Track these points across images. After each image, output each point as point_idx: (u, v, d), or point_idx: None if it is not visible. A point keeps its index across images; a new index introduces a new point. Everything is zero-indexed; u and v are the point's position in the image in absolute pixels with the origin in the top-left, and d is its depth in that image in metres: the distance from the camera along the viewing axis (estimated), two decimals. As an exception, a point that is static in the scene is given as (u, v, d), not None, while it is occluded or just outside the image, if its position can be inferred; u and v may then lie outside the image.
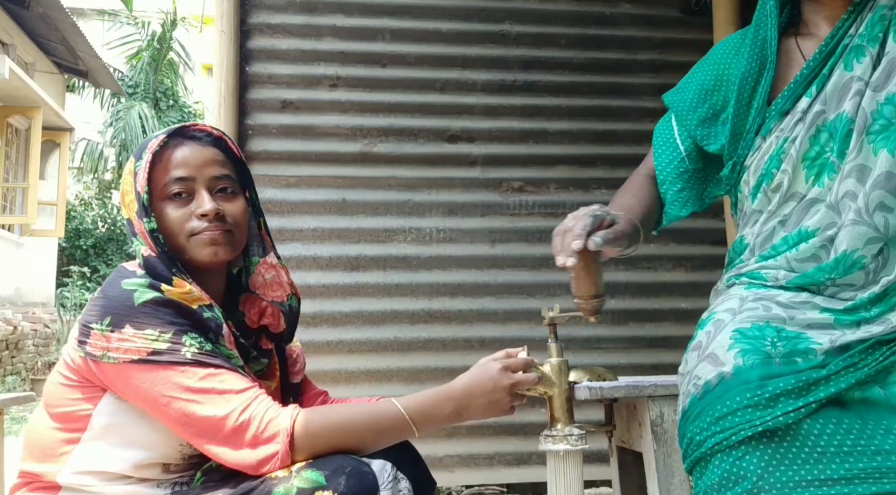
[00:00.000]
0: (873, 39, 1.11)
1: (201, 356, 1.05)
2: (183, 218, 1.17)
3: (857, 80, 1.11)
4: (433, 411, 1.13)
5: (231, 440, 1.03)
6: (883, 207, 1.06)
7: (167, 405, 1.04)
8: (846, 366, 1.01)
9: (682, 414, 1.09)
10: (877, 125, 1.08)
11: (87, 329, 1.07)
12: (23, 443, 1.15)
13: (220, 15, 2.87)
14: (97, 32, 14.92)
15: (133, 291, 1.08)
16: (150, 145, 1.17)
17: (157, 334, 1.05)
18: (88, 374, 1.09)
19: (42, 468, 1.10)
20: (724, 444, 0.99)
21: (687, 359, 1.13)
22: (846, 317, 1.08)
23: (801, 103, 1.15)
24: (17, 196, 9.67)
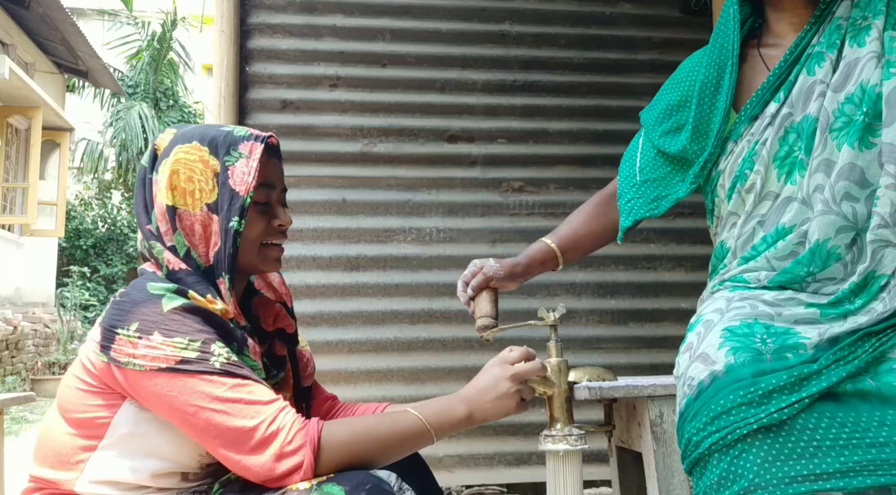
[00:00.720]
0: (831, 46, 1.18)
1: (229, 366, 1.04)
2: (263, 227, 1.19)
3: (820, 83, 1.17)
4: (447, 415, 1.13)
5: (257, 451, 1.01)
6: (849, 197, 1.10)
7: (194, 414, 1.02)
8: (836, 359, 1.02)
9: (679, 415, 1.10)
10: (838, 123, 1.13)
11: (111, 333, 1.05)
12: (35, 447, 1.12)
13: (220, 15, 2.88)
14: (97, 32, 14.92)
15: (161, 296, 1.06)
16: (244, 145, 1.16)
17: (186, 342, 1.03)
18: (110, 381, 1.06)
19: (57, 475, 1.08)
20: (720, 443, 1.00)
21: (679, 362, 1.14)
22: (832, 310, 1.09)
23: (769, 108, 1.21)
24: (17, 196, 9.68)
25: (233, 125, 1.21)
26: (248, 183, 1.14)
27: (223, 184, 1.14)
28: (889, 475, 0.94)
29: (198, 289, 1.09)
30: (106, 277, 13.59)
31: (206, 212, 1.13)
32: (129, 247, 14.00)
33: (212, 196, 1.13)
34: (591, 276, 2.96)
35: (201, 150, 1.15)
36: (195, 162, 1.14)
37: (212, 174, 1.14)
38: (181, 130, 1.19)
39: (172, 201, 1.13)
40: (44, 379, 8.36)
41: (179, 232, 1.13)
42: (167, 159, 1.15)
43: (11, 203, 9.64)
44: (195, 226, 1.13)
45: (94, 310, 12.46)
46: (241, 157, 1.15)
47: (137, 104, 13.80)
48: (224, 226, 1.13)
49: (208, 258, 1.14)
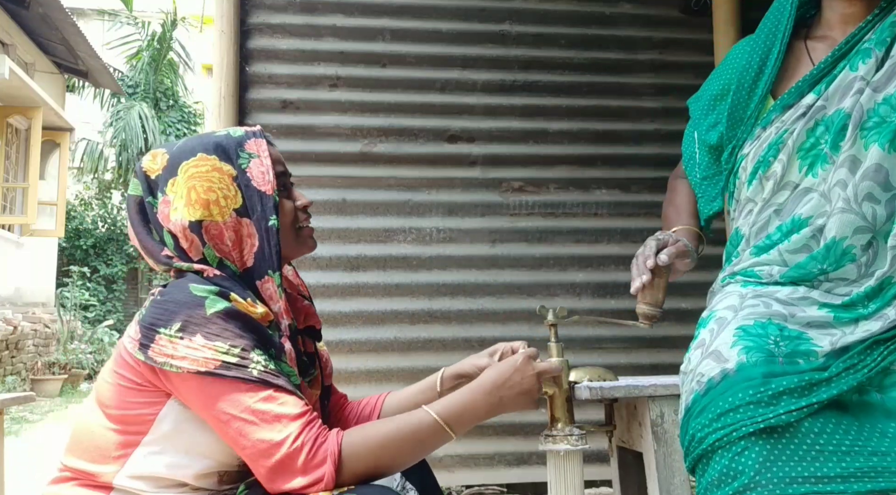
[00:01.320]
0: (881, 43, 1.15)
1: (266, 374, 1.04)
2: (293, 212, 1.22)
3: (860, 79, 1.15)
4: (466, 411, 1.13)
5: (283, 464, 1.02)
6: (871, 198, 1.09)
7: (227, 422, 1.03)
8: (846, 368, 1.03)
9: (685, 411, 1.09)
10: (871, 122, 1.12)
11: (152, 332, 1.05)
12: (72, 439, 1.12)
13: (220, 15, 2.87)
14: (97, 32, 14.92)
15: (204, 298, 1.06)
16: (249, 144, 1.18)
17: (227, 348, 1.03)
18: (153, 379, 1.06)
19: (96, 468, 1.08)
20: (724, 440, 1.00)
21: (690, 358, 1.14)
22: (845, 314, 1.09)
23: (805, 99, 1.19)
24: (17, 196, 9.67)
25: (220, 129, 1.23)
26: (270, 181, 1.16)
27: (247, 186, 1.15)
28: (889, 481, 0.95)
29: (237, 292, 1.09)
30: (106, 277, 13.59)
31: (235, 217, 1.14)
32: (129, 247, 13.99)
33: (237, 201, 1.14)
34: (591, 276, 2.96)
35: (210, 159, 1.15)
36: (209, 172, 1.14)
37: (230, 179, 1.15)
38: (174, 148, 1.18)
39: (197, 215, 1.12)
40: (44, 379, 8.36)
41: (209, 244, 1.13)
42: (175, 178, 1.14)
43: (11, 203, 9.64)
44: (225, 233, 1.13)
45: (94, 310, 12.46)
46: (253, 157, 1.17)
47: (137, 104, 13.80)
48: (264, 227, 1.14)
49: (244, 262, 1.15)
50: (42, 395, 7.94)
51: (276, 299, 1.14)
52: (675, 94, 3.00)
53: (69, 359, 8.87)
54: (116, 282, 13.75)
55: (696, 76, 2.05)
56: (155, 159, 1.17)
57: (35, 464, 4.46)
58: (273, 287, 1.14)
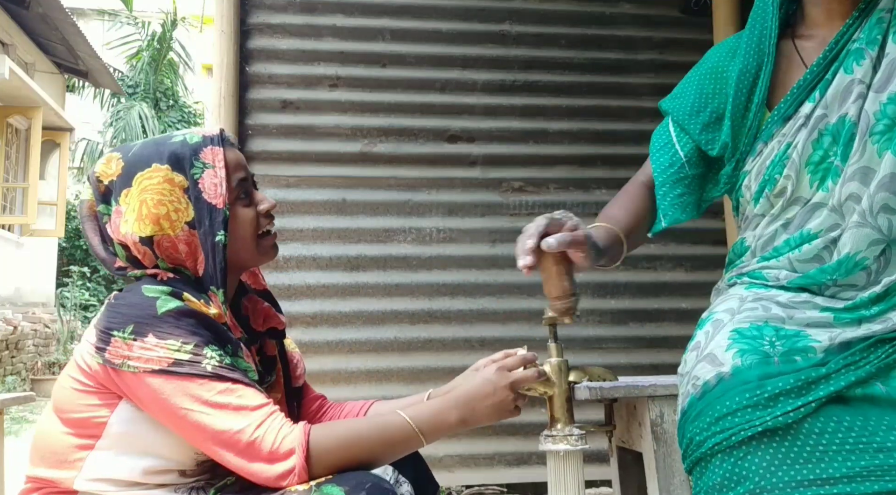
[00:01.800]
0: (872, 42, 1.12)
1: (221, 369, 1.04)
2: (253, 218, 1.19)
3: (859, 82, 1.11)
4: (439, 421, 1.13)
5: (247, 453, 1.02)
6: (887, 209, 1.06)
7: (183, 417, 1.03)
8: (847, 364, 1.01)
9: (681, 414, 1.09)
10: (880, 125, 1.08)
11: (107, 335, 1.05)
12: (31, 447, 1.13)
13: (220, 15, 2.87)
14: (97, 32, 14.91)
15: (155, 299, 1.06)
16: (204, 153, 1.15)
17: (178, 345, 1.03)
18: (106, 381, 1.07)
19: (56, 474, 1.08)
20: (723, 445, 0.99)
21: (686, 360, 1.13)
22: (846, 315, 1.07)
23: (804, 108, 1.15)
24: (17, 196, 9.67)
25: (180, 131, 1.21)
26: (222, 194, 1.13)
27: (197, 198, 1.13)
28: None
29: (192, 294, 1.09)
30: (106, 277, 13.58)
31: (187, 230, 1.12)
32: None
33: (188, 213, 1.12)
34: (591, 276, 2.96)
35: (162, 169, 1.13)
36: (161, 184, 1.12)
37: (181, 191, 1.13)
38: (129, 154, 1.16)
39: (147, 231, 1.11)
40: (44, 379, 8.36)
41: (161, 257, 1.13)
42: (129, 190, 1.12)
43: (11, 203, 9.64)
44: (179, 246, 1.12)
45: (94, 309, 12.45)
46: (207, 168, 1.14)
47: (137, 104, 13.80)
48: (210, 242, 1.12)
49: (197, 271, 1.14)
50: (42, 395, 7.93)
51: (222, 316, 1.13)
52: (675, 94, 2.99)
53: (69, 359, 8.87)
54: (116, 282, 13.73)
55: (696, 76, 2.05)
56: (109, 164, 1.15)
57: (35, 464, 4.46)
58: (217, 303, 1.12)
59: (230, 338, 1.10)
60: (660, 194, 1.29)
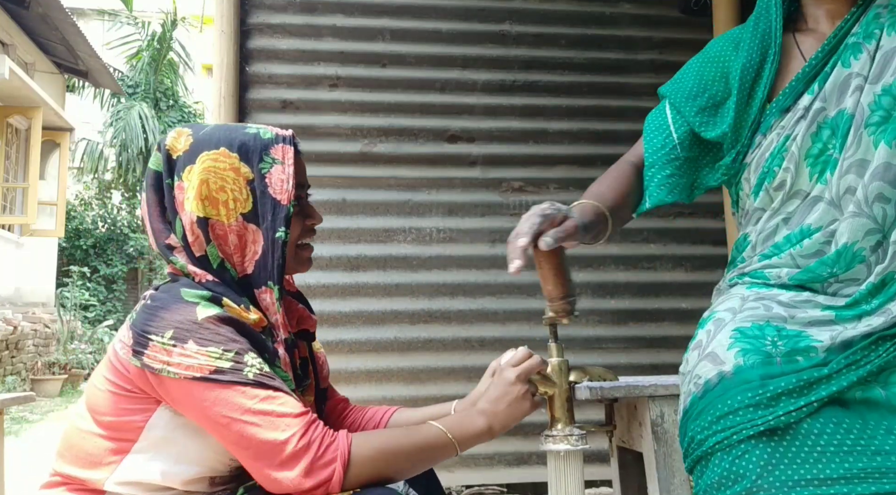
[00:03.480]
0: (869, 36, 1.14)
1: (262, 377, 1.03)
2: (300, 229, 1.20)
3: (856, 75, 1.13)
4: (469, 428, 1.14)
5: (288, 465, 1.01)
6: (881, 198, 1.07)
7: (227, 426, 1.01)
8: (848, 364, 1.01)
9: (682, 413, 1.09)
10: (875, 117, 1.10)
11: (145, 339, 1.03)
12: (62, 445, 1.11)
13: (220, 15, 2.87)
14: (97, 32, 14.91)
15: (195, 304, 1.04)
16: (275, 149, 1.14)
17: (220, 352, 1.02)
18: (144, 385, 1.05)
19: (86, 474, 1.07)
20: (724, 443, 0.99)
21: (688, 359, 1.13)
22: (847, 312, 1.08)
23: (802, 100, 1.17)
24: (17, 196, 9.67)
25: (253, 125, 1.18)
26: (288, 191, 1.12)
27: (262, 192, 1.12)
28: (893, 483, 0.93)
29: (231, 298, 1.08)
30: (106, 277, 13.58)
31: (241, 222, 1.11)
32: (129, 247, 14.00)
33: (247, 205, 1.11)
34: (591, 276, 2.96)
35: (231, 157, 1.11)
36: (226, 170, 1.11)
37: (244, 182, 1.12)
38: (199, 133, 1.14)
39: (204, 212, 1.10)
40: (44, 379, 8.36)
41: (213, 243, 1.11)
42: (192, 167, 1.11)
43: (11, 203, 9.64)
44: (229, 236, 1.11)
45: (94, 310, 12.46)
46: (276, 163, 1.13)
47: (137, 104, 13.80)
48: (270, 237, 1.11)
49: (244, 268, 1.13)
50: (42, 395, 7.94)
51: (273, 311, 1.12)
52: (675, 94, 2.99)
53: (69, 359, 8.87)
54: (116, 282, 13.75)
55: (696, 76, 2.05)
56: (179, 138, 1.14)
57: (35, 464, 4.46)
58: (271, 298, 1.12)
59: (267, 347, 1.09)
60: (648, 175, 1.29)
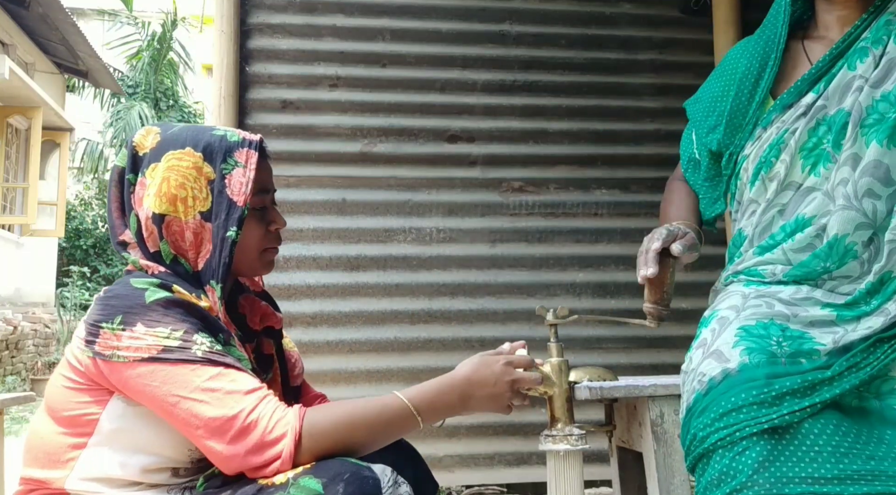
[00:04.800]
0: (877, 42, 1.16)
1: (212, 354, 1.04)
2: (262, 233, 1.20)
3: (859, 78, 1.15)
4: (437, 401, 1.12)
5: (237, 440, 1.00)
6: (871, 194, 1.10)
7: (175, 405, 1.01)
8: (849, 367, 1.03)
9: (685, 410, 1.09)
10: (871, 119, 1.12)
11: (96, 328, 1.05)
12: (25, 448, 1.12)
13: (220, 15, 2.87)
14: (97, 32, 14.92)
15: (144, 290, 1.06)
16: (240, 153, 1.15)
17: (168, 332, 1.03)
18: (96, 376, 1.06)
19: (48, 474, 1.07)
20: (727, 440, 1.00)
21: (691, 357, 1.14)
22: (848, 312, 1.09)
23: (805, 98, 1.20)
24: (17, 196, 9.67)
25: (221, 127, 1.20)
26: (245, 193, 1.13)
27: (220, 192, 1.13)
28: (885, 485, 0.95)
29: (183, 287, 1.09)
30: (106, 277, 13.59)
31: (199, 220, 1.13)
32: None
33: (206, 204, 1.13)
34: (591, 276, 2.96)
35: (195, 156, 1.13)
36: (188, 169, 1.13)
37: (205, 182, 1.13)
38: (167, 132, 1.17)
39: (161, 209, 1.11)
40: (44, 380, 8.35)
41: (166, 240, 1.12)
42: (157, 164, 1.13)
43: (11, 203, 9.64)
44: (186, 233, 1.13)
45: (94, 310, 12.44)
46: (238, 166, 1.15)
47: (137, 104, 13.80)
48: (220, 236, 1.12)
49: (197, 264, 1.14)
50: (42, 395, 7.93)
51: (215, 310, 1.12)
52: (674, 94, 2.99)
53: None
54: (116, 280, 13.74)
55: (696, 76, 2.05)
56: (147, 136, 1.16)
57: (35, 464, 4.46)
58: (213, 297, 1.12)
59: (221, 328, 1.10)
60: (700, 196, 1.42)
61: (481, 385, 1.14)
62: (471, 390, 1.13)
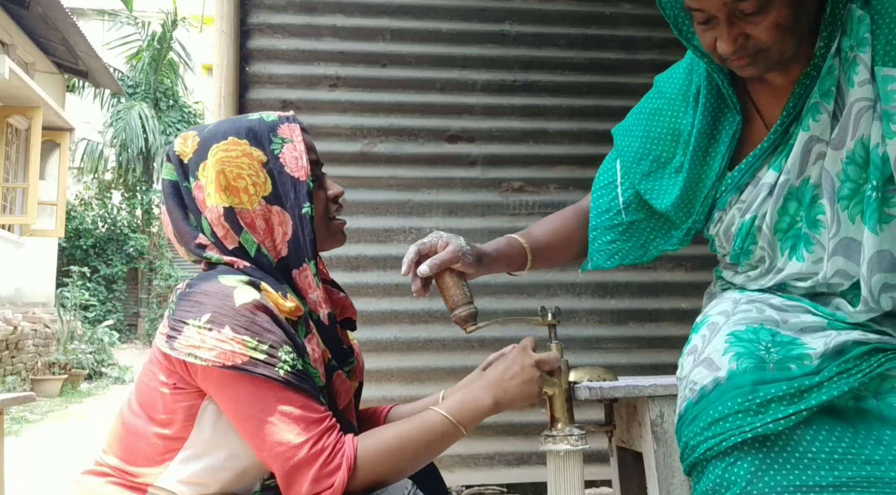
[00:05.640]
0: (826, 94, 1.03)
1: (293, 376, 1.02)
2: (325, 202, 1.19)
3: (818, 140, 1.05)
4: (475, 407, 1.13)
5: (298, 468, 1.01)
6: (887, 288, 1.03)
7: (246, 420, 1.01)
8: (840, 372, 0.99)
9: (678, 418, 1.08)
10: (845, 189, 1.03)
11: (181, 324, 1.03)
12: (112, 437, 1.11)
13: (220, 15, 2.88)
14: (97, 32, 14.92)
15: (233, 288, 1.03)
16: (282, 129, 1.15)
17: (255, 343, 1.01)
18: (185, 376, 1.05)
19: (136, 469, 1.07)
20: (715, 450, 0.98)
21: (682, 364, 1.13)
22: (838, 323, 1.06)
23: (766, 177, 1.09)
24: (17, 196, 9.67)
25: (251, 113, 1.19)
26: (304, 166, 1.13)
27: (279, 172, 1.12)
28: (882, 492, 0.92)
29: (270, 284, 1.07)
30: (106, 277, 13.59)
31: (264, 205, 1.11)
32: (129, 247, 14.01)
33: (266, 188, 1.11)
34: (591, 276, 2.96)
35: (241, 144, 1.12)
36: (239, 157, 1.11)
37: (259, 165, 1.11)
38: (204, 131, 1.15)
39: (228, 202, 1.09)
40: (44, 380, 8.35)
41: (245, 230, 1.10)
42: (205, 162, 1.11)
43: (11, 203, 9.64)
44: (256, 221, 1.11)
45: (94, 310, 12.46)
46: (286, 142, 1.14)
47: (137, 104, 13.81)
48: (297, 215, 1.11)
49: (278, 252, 1.12)
50: (42, 395, 7.94)
51: (313, 287, 1.12)
52: (675, 94, 2.99)
53: (69, 359, 8.87)
54: (116, 282, 13.76)
55: (696, 76, 2.06)
56: (186, 142, 1.14)
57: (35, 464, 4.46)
58: (309, 275, 1.12)
59: (297, 343, 1.07)
60: (591, 236, 1.32)
61: (512, 377, 1.15)
62: (503, 384, 1.15)
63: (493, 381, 1.15)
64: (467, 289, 1.21)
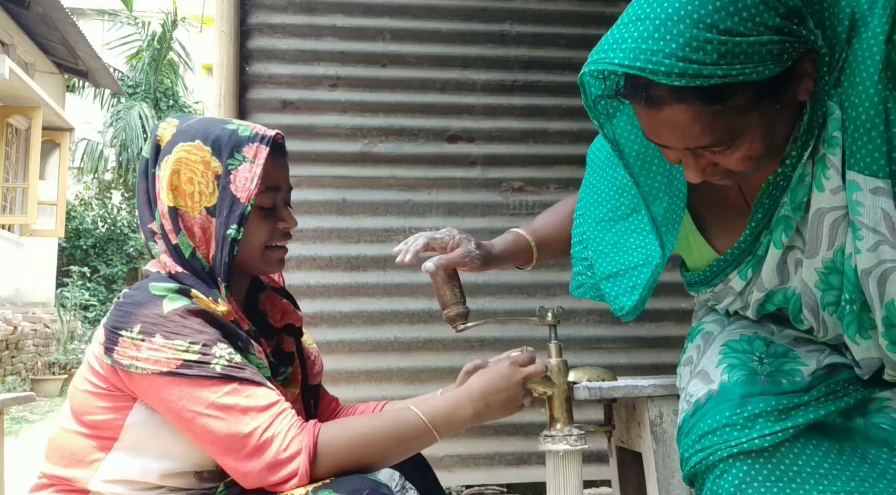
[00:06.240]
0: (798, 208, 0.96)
1: (230, 369, 1.03)
2: (268, 232, 1.17)
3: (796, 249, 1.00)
4: (454, 414, 1.13)
5: (252, 458, 1.00)
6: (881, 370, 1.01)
7: (192, 420, 1.01)
8: (828, 393, 1.00)
9: (678, 430, 1.09)
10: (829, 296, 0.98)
11: (115, 335, 1.04)
12: (48, 446, 1.13)
13: (220, 15, 2.87)
14: (97, 32, 14.92)
15: (162, 297, 1.05)
16: (249, 148, 1.12)
17: (186, 345, 1.02)
18: (117, 383, 1.06)
19: (71, 473, 1.08)
20: (703, 464, 0.99)
21: (681, 374, 1.13)
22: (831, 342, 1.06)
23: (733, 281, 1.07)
24: (17, 196, 9.67)
25: (239, 121, 1.19)
26: (249, 190, 1.11)
27: (224, 188, 1.11)
28: None
29: (200, 289, 1.08)
30: (106, 277, 13.59)
31: (205, 215, 1.12)
32: (129, 247, 14.00)
33: (211, 199, 1.11)
34: (591, 276, 2.96)
35: (203, 150, 1.12)
36: (196, 163, 1.11)
37: (213, 176, 1.12)
38: (184, 123, 1.16)
39: (174, 202, 1.11)
40: (44, 379, 8.36)
41: (183, 232, 1.12)
42: (169, 157, 1.12)
43: (11, 203, 9.64)
44: (195, 228, 1.12)
45: (94, 310, 12.45)
46: (245, 161, 1.12)
47: (137, 104, 13.80)
48: (221, 233, 1.11)
49: (209, 260, 1.13)
50: (42, 395, 7.94)
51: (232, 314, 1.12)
52: (674, 94, 2.99)
53: (69, 359, 8.87)
54: (116, 282, 13.75)
55: (695, 76, 2.06)
56: (167, 128, 1.16)
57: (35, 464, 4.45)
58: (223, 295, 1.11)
59: (240, 335, 1.09)
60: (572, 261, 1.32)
61: (496, 391, 1.16)
62: (486, 398, 1.15)
63: (477, 393, 1.15)
64: (459, 288, 1.23)
